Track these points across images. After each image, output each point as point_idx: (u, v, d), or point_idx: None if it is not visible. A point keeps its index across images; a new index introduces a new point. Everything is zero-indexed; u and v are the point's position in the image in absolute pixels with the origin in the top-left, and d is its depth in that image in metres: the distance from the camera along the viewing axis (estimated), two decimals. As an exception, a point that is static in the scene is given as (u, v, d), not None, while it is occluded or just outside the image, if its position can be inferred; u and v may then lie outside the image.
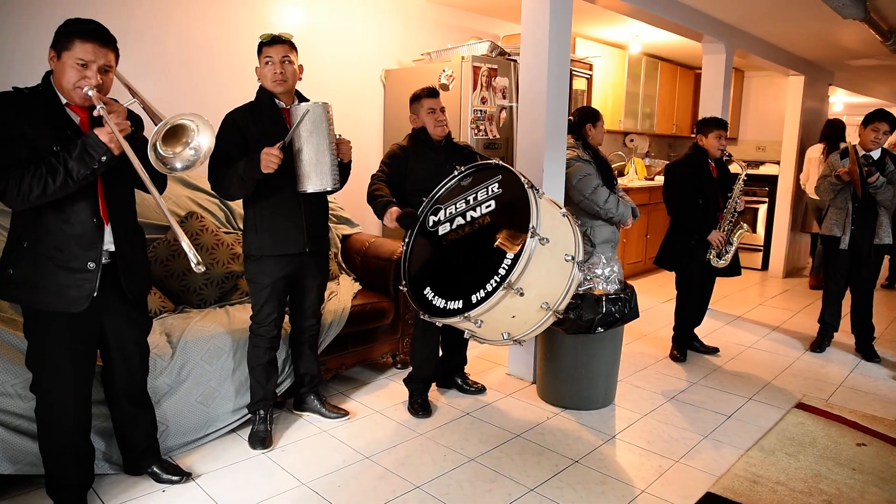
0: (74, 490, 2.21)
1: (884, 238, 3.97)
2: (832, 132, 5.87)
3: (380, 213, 2.89)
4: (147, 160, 1.92)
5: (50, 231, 2.01)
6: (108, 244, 2.12)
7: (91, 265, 2.05)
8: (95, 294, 2.08)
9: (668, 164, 4.10)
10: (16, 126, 1.93)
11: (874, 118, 3.88)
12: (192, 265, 1.84)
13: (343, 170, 2.69)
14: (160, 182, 2.18)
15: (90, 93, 1.96)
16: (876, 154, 3.92)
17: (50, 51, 2.00)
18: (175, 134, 1.98)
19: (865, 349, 4.18)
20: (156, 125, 1.95)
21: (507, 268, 2.31)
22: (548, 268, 2.39)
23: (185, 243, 1.85)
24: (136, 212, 2.27)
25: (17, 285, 2.03)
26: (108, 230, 2.11)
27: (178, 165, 1.99)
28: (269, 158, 2.43)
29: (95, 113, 1.96)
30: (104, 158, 1.94)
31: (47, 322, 2.06)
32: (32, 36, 3.00)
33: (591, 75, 5.75)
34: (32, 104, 1.99)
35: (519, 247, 2.31)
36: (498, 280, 2.31)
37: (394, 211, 2.83)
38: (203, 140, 2.01)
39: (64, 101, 2.04)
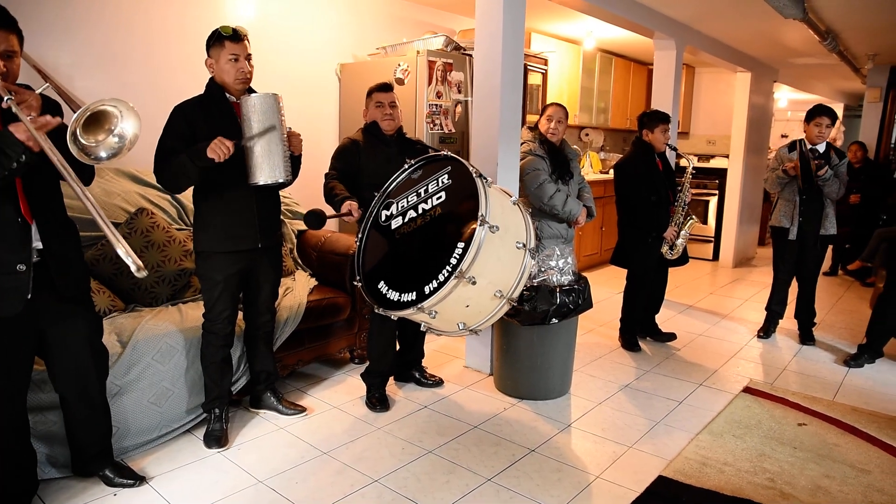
0: (16, 499, 2.12)
1: (829, 229, 4.12)
2: None
3: (339, 210, 2.84)
4: (68, 151, 1.78)
5: None
6: (36, 242, 1.99)
7: (21, 267, 1.92)
8: (29, 296, 1.96)
9: (616, 163, 4.13)
10: None
11: (815, 113, 4.02)
12: (133, 271, 1.69)
13: (293, 163, 2.66)
14: (86, 174, 2.05)
15: None
16: (821, 148, 4.05)
17: None
18: (97, 121, 1.84)
19: (805, 333, 4.37)
20: (74, 112, 1.80)
21: (458, 257, 2.32)
22: (499, 256, 2.41)
23: (122, 250, 1.66)
24: (65, 206, 2.14)
25: None
26: (34, 228, 1.98)
27: (103, 154, 1.86)
28: (220, 145, 2.36)
29: (3, 105, 1.78)
30: (23, 158, 1.77)
31: None
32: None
33: (546, 70, 5.82)
34: None
35: (469, 235, 2.33)
36: (450, 269, 2.32)
37: (351, 204, 2.79)
38: (128, 126, 1.89)
39: None
